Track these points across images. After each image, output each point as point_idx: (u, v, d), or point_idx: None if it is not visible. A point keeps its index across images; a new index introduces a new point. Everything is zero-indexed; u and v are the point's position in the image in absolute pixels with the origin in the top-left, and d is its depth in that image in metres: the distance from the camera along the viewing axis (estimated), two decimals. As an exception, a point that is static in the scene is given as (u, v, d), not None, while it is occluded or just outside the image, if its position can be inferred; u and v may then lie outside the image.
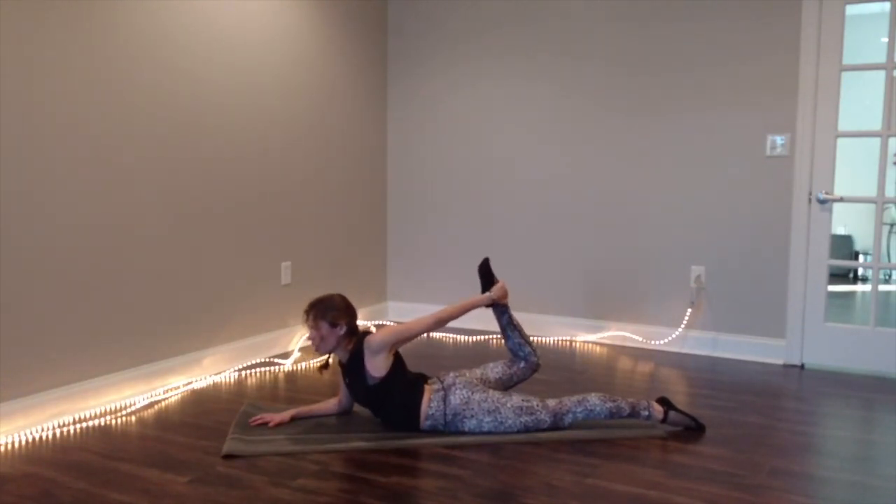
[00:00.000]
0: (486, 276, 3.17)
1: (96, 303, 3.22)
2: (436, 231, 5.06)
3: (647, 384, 3.65)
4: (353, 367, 2.88)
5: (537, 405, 2.86)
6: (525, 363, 3.15)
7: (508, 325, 3.14)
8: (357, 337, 2.92)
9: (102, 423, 3.03)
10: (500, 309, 3.14)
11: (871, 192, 4.04)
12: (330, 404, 3.12)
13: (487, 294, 3.10)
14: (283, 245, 4.27)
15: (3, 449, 2.74)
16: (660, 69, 4.30)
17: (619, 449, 2.76)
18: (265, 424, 2.96)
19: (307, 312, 2.92)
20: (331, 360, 3.04)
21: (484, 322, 4.08)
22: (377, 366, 2.83)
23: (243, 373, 3.83)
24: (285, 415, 3.02)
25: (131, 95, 3.33)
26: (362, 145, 4.92)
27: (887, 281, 7.56)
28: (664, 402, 2.96)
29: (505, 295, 3.13)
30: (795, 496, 2.38)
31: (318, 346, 2.92)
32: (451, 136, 4.96)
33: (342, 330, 2.90)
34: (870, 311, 3.96)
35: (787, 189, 4.03)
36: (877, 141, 3.95)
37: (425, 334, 3.60)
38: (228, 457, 2.65)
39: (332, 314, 2.89)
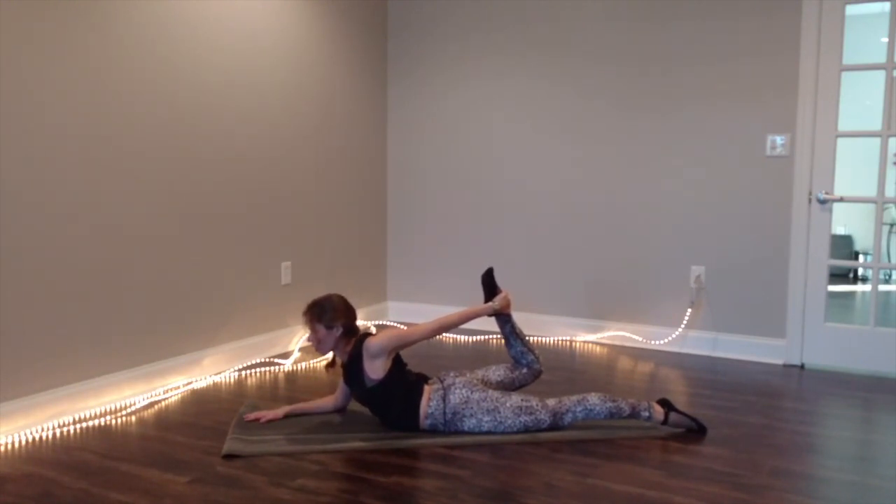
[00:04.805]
0: (490, 286, 3.16)
1: (96, 303, 3.22)
2: (436, 231, 5.06)
3: (647, 384, 3.65)
4: (352, 368, 2.89)
5: (537, 405, 2.86)
6: (528, 370, 3.15)
7: (511, 335, 3.14)
8: (356, 338, 2.93)
9: (102, 423, 3.03)
10: (504, 318, 3.13)
11: (871, 192, 4.04)
12: (325, 402, 3.13)
13: (490, 304, 3.10)
14: (283, 245, 4.27)
15: (3, 449, 2.74)
16: (660, 69, 4.30)
17: (619, 449, 2.76)
18: (258, 420, 2.99)
19: (304, 315, 2.94)
20: (337, 360, 3.04)
21: (483, 323, 4.08)
22: (375, 368, 2.83)
23: (243, 373, 3.83)
24: (279, 411, 3.04)
25: (131, 97, 3.33)
26: (362, 145, 4.91)
27: (887, 281, 7.56)
28: (665, 403, 2.96)
29: (508, 305, 3.12)
30: (795, 496, 2.38)
31: (317, 347, 2.94)
32: (452, 136, 4.96)
33: (339, 331, 2.91)
34: (870, 311, 3.96)
35: (787, 189, 4.03)
36: (877, 141, 3.95)
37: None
38: (228, 457, 2.65)
39: (328, 316, 2.90)
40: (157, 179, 3.48)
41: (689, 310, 4.29)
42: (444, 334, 4.65)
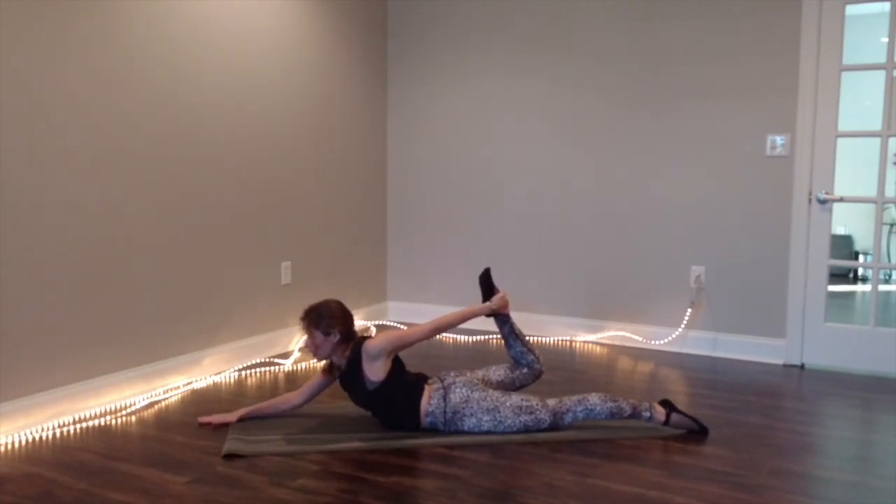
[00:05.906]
0: (487, 286, 3.16)
1: (96, 303, 3.22)
2: (436, 231, 5.06)
3: (647, 384, 3.65)
4: (351, 372, 2.88)
5: (537, 404, 2.86)
6: (528, 370, 3.14)
7: (510, 335, 3.14)
8: (354, 343, 2.92)
9: (102, 423, 3.03)
10: (502, 319, 3.13)
11: (871, 192, 4.04)
12: (286, 399, 3.09)
13: (487, 304, 3.10)
14: (283, 245, 4.27)
15: (3, 449, 2.74)
16: (660, 69, 4.30)
17: (619, 449, 2.76)
18: (209, 424, 2.97)
19: (302, 321, 2.92)
20: (335, 365, 3.02)
21: (483, 323, 4.08)
22: (375, 370, 2.83)
23: (243, 373, 3.83)
24: (232, 415, 3.02)
25: (131, 97, 3.33)
26: (362, 145, 4.91)
27: (887, 281, 7.56)
28: (667, 404, 2.95)
29: (505, 305, 3.12)
30: (795, 496, 2.38)
31: (314, 353, 2.93)
32: (452, 137, 4.96)
33: (336, 337, 2.89)
34: (870, 311, 3.96)
35: (787, 189, 4.03)
36: (877, 141, 3.95)
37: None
38: (228, 457, 2.66)
39: (325, 322, 2.88)
40: (157, 179, 3.48)
41: (689, 310, 4.29)
42: (443, 334, 4.66)
